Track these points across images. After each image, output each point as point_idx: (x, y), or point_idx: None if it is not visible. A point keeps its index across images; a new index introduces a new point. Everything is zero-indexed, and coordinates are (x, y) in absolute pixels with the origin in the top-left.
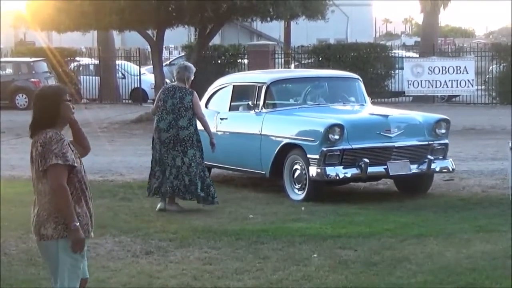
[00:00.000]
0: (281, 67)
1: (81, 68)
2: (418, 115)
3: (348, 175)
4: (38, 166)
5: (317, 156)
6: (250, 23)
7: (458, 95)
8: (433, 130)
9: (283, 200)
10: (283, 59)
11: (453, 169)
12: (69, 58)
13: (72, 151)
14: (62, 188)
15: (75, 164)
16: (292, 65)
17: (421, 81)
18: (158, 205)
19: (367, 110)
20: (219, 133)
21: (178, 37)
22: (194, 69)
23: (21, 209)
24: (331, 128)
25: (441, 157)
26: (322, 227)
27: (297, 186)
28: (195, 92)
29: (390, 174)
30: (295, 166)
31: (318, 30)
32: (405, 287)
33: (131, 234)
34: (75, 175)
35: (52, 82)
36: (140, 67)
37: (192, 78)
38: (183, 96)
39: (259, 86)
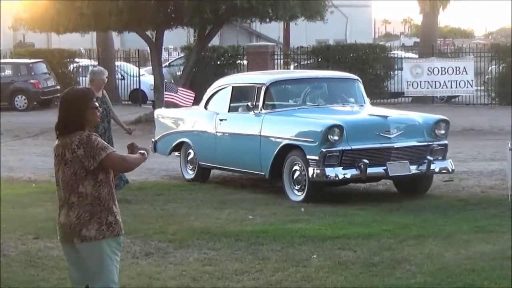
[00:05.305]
0: (280, 68)
1: (80, 70)
2: (417, 116)
3: (348, 176)
4: (86, 166)
5: (316, 157)
6: (249, 24)
7: (458, 96)
8: (433, 131)
9: (283, 201)
10: (282, 60)
11: (452, 169)
12: (68, 60)
13: None
14: (129, 162)
15: None
16: (291, 66)
17: (420, 81)
18: None
19: (367, 111)
20: (218, 134)
21: (177, 38)
22: (97, 72)
23: (20, 211)
24: (330, 129)
25: (440, 158)
26: (321, 228)
27: (296, 187)
28: None
29: (390, 175)
30: (295, 167)
31: (317, 31)
32: None
33: (131, 235)
34: (110, 174)
35: (51, 83)
36: (139, 68)
37: (96, 80)
38: None
39: (258, 87)
